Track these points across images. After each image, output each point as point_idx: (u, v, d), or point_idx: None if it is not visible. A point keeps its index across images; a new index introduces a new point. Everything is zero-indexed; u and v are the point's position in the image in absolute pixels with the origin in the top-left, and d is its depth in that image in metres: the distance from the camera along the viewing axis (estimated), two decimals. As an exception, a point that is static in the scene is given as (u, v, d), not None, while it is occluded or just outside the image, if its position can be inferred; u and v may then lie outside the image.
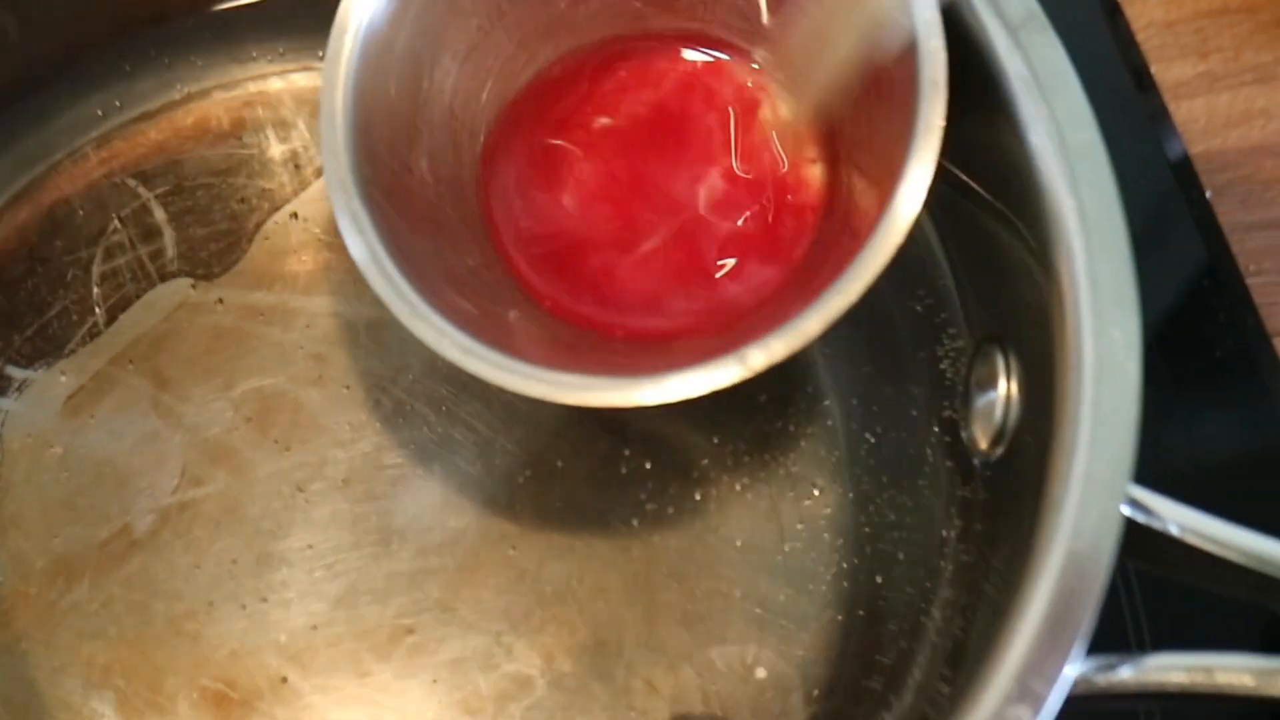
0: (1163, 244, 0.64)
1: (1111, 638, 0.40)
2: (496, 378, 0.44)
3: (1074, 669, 0.38)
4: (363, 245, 0.45)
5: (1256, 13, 0.70)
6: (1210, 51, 0.70)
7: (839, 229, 0.49)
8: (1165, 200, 0.65)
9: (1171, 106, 0.67)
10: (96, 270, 0.59)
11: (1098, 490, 0.39)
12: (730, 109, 0.53)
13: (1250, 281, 0.64)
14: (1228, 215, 0.65)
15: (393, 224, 0.46)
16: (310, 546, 0.54)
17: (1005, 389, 0.48)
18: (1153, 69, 0.69)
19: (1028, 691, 0.37)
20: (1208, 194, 0.65)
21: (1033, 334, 0.44)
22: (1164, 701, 0.41)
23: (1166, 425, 0.60)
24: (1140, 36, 0.69)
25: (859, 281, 0.43)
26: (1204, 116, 0.68)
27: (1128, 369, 0.40)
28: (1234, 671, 0.39)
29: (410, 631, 0.53)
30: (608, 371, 0.44)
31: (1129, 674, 0.39)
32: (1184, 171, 0.66)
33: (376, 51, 0.47)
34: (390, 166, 0.48)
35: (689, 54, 0.54)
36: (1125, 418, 0.40)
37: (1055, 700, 0.37)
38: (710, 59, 0.53)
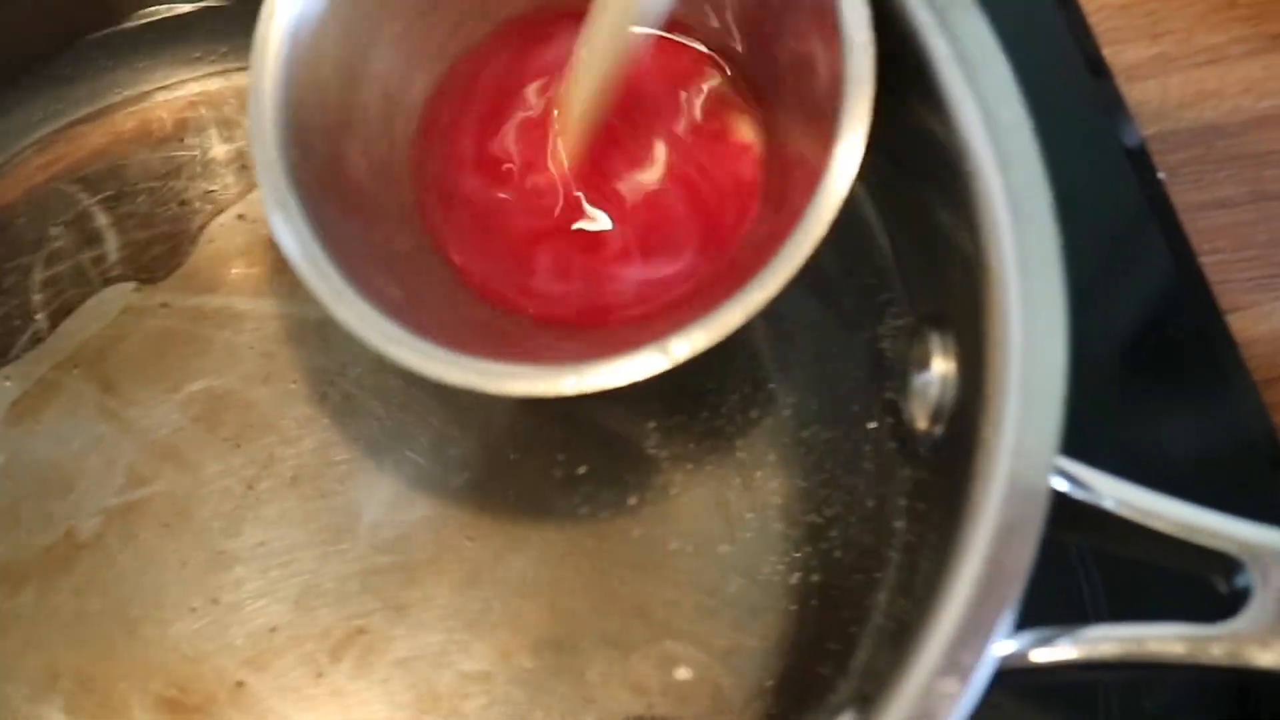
0: (1119, 226, 0.64)
1: (1069, 615, 0.40)
2: (420, 365, 0.44)
3: (1008, 644, 0.38)
4: (290, 231, 0.45)
5: (1209, -7, 0.70)
6: (1162, 34, 0.70)
7: (772, 217, 0.49)
8: (1120, 184, 0.65)
9: (1125, 90, 0.68)
10: (38, 276, 0.58)
11: (1025, 463, 0.39)
12: (667, 89, 0.53)
13: (1204, 260, 0.64)
14: (1181, 195, 0.65)
15: (322, 209, 0.46)
16: (262, 544, 0.54)
17: (943, 368, 0.48)
18: (1105, 52, 0.69)
19: (955, 665, 0.37)
20: (1161, 175, 0.65)
21: (967, 311, 0.44)
22: (1105, 672, 0.41)
23: (1123, 407, 0.60)
24: (1093, 20, 0.69)
25: (780, 274, 0.43)
26: (1157, 98, 0.68)
27: (1055, 342, 0.40)
28: (1166, 640, 0.39)
29: (363, 631, 0.53)
30: (535, 359, 0.44)
31: (1065, 646, 0.39)
32: (1138, 155, 0.66)
33: (310, 35, 0.47)
34: (321, 150, 0.48)
35: None
36: (1052, 391, 0.40)
37: (983, 673, 0.37)
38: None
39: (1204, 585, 0.42)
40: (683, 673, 0.53)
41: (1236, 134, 0.67)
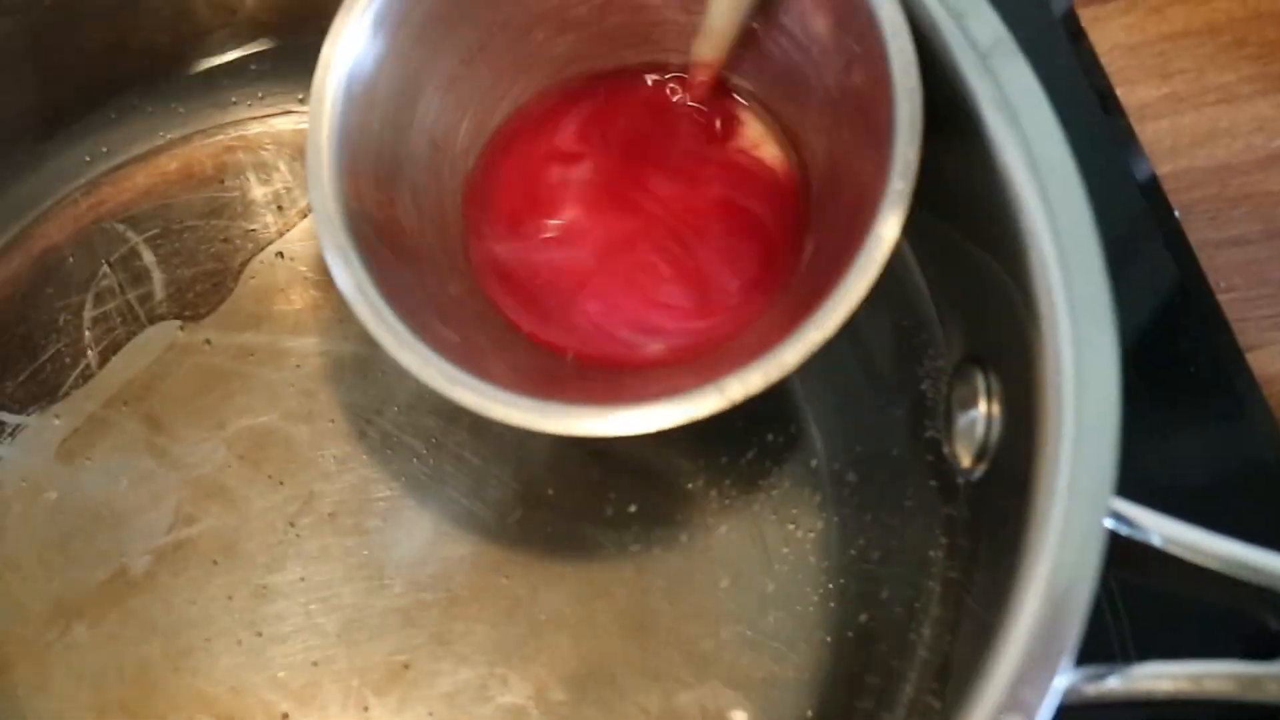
0: (1134, 263, 0.65)
1: (1095, 646, 0.40)
2: (480, 406, 0.44)
3: (1064, 679, 0.39)
4: (350, 278, 0.45)
5: (1217, 34, 0.71)
6: (1173, 73, 0.71)
7: (819, 258, 0.49)
8: (1135, 220, 0.66)
9: (1138, 128, 0.68)
10: (88, 315, 0.59)
11: (1081, 504, 0.40)
12: (713, 135, 0.53)
13: (1222, 298, 0.64)
14: (1197, 233, 0.66)
15: (379, 256, 0.47)
16: (303, 579, 0.55)
17: (986, 407, 0.48)
18: (1118, 91, 0.69)
19: (1019, 702, 0.38)
20: (1176, 213, 0.66)
21: (1011, 352, 0.45)
22: (1150, 710, 0.42)
23: (1144, 443, 0.60)
24: (1105, 60, 0.70)
25: (837, 314, 0.43)
26: (1170, 137, 0.69)
27: (1107, 384, 0.41)
28: (1220, 678, 0.40)
29: (406, 666, 0.54)
30: (588, 400, 0.44)
31: (1117, 683, 0.40)
32: (1152, 191, 0.66)
33: (362, 88, 0.48)
34: (375, 199, 0.48)
35: (666, 85, 0.54)
36: (1106, 432, 0.40)
37: (1047, 710, 0.38)
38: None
39: (1236, 620, 0.43)
40: (720, 704, 0.53)
41: (1250, 172, 0.68)
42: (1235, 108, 0.70)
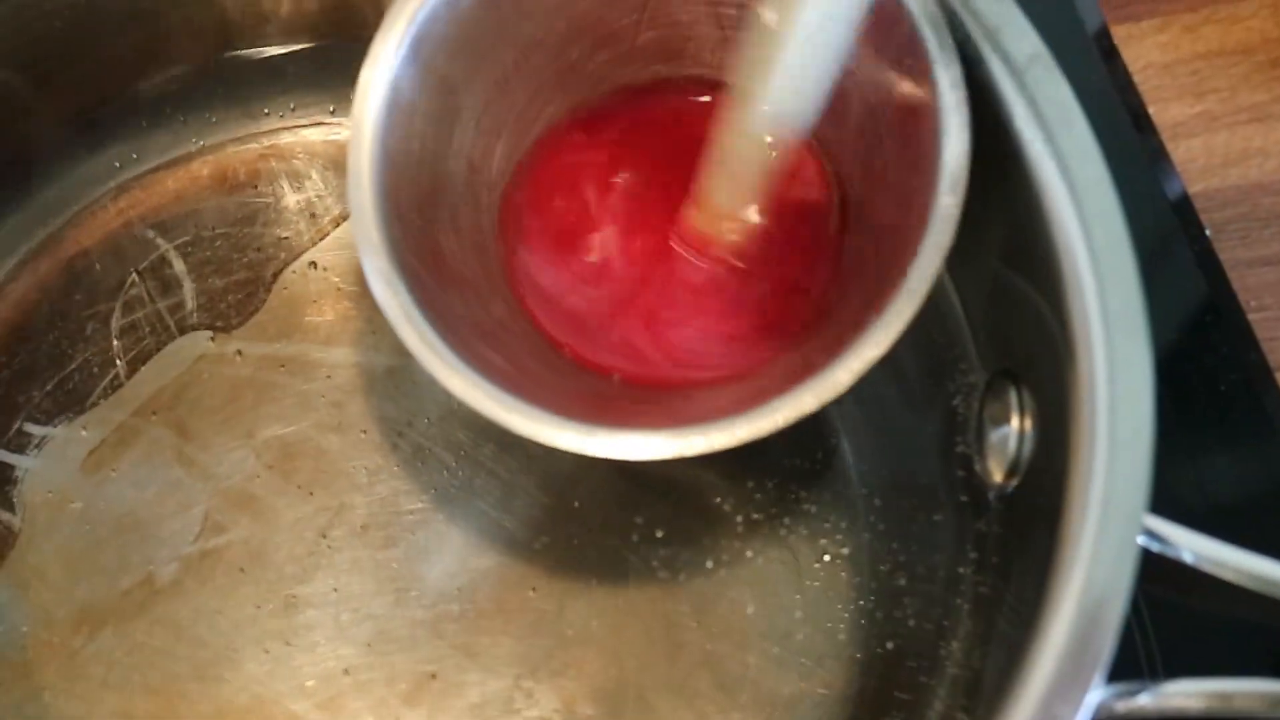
0: (1165, 281, 0.65)
1: (1121, 664, 0.40)
2: (529, 430, 0.44)
3: (1096, 695, 0.38)
4: (396, 305, 0.45)
5: (1251, 54, 0.71)
6: (1207, 92, 0.70)
7: (858, 274, 0.49)
8: (1166, 238, 0.66)
9: (1170, 146, 0.68)
10: (116, 324, 0.59)
11: (1114, 520, 0.40)
12: None
13: (1252, 317, 0.64)
14: (1228, 252, 0.66)
15: (422, 280, 0.47)
16: (335, 590, 0.55)
17: (1018, 422, 0.48)
18: (1150, 109, 0.69)
19: (1052, 717, 0.38)
20: (1208, 231, 0.66)
21: (1045, 367, 0.44)
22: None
23: (1172, 460, 0.60)
24: (1138, 78, 0.70)
25: (890, 331, 0.43)
26: (1202, 156, 0.69)
27: (1141, 399, 0.41)
28: (1251, 696, 0.40)
29: (434, 677, 0.54)
30: (634, 422, 0.44)
31: (1148, 701, 0.40)
32: (1184, 210, 0.66)
33: (401, 113, 0.48)
34: (416, 224, 0.48)
35: (699, 99, 0.54)
36: (1140, 448, 0.40)
37: (1079, 726, 0.38)
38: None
39: (1263, 638, 0.42)
40: (745, 720, 0.53)
41: (1281, 192, 0.68)
42: (1268, 127, 0.70)
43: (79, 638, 0.55)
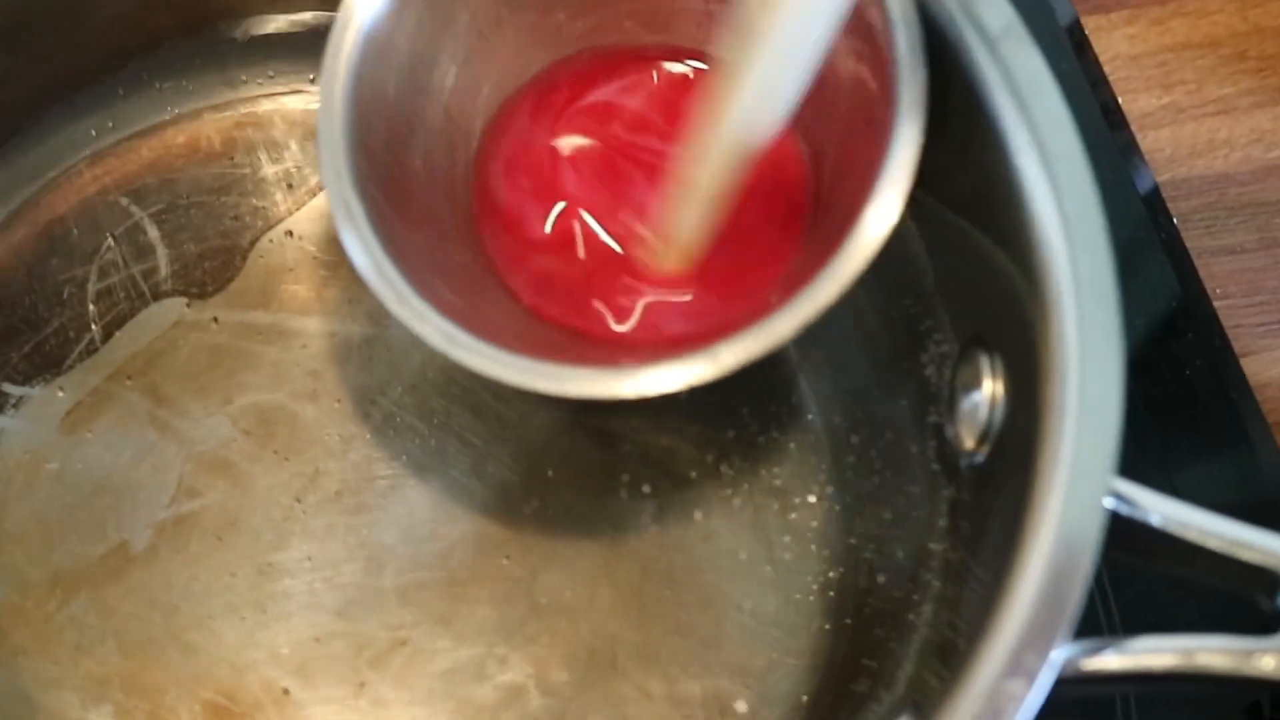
0: (1134, 270, 0.66)
1: (1085, 630, 0.40)
2: (476, 364, 0.45)
3: (1062, 652, 0.39)
4: (355, 235, 0.46)
5: (1218, 47, 0.72)
6: (1174, 84, 0.71)
7: (822, 237, 0.50)
8: (1136, 228, 0.66)
9: (1139, 137, 0.69)
10: (92, 288, 0.59)
11: (1083, 480, 0.40)
12: None
13: (1217, 304, 0.65)
14: (1194, 241, 0.67)
15: (386, 216, 0.48)
16: (309, 557, 0.55)
17: (990, 390, 0.48)
18: (1120, 100, 0.70)
19: (1021, 667, 0.38)
20: (1175, 221, 0.67)
21: (1016, 332, 0.45)
22: (1143, 685, 0.42)
23: (1137, 440, 0.61)
24: (1107, 69, 0.71)
25: (832, 286, 0.44)
26: (1170, 146, 0.70)
27: (1110, 364, 0.41)
28: (1215, 653, 0.40)
29: (405, 644, 0.54)
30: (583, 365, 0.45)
31: (1113, 657, 0.40)
32: (1154, 201, 0.67)
33: (377, 50, 0.49)
34: (385, 161, 0.49)
35: (681, 66, 0.55)
36: (1108, 411, 0.41)
37: (1047, 677, 0.38)
38: (702, 69, 0.55)
39: (1225, 602, 0.43)
40: (717, 689, 0.53)
41: (1247, 182, 0.69)
42: (1234, 119, 0.70)
43: (53, 601, 0.54)
